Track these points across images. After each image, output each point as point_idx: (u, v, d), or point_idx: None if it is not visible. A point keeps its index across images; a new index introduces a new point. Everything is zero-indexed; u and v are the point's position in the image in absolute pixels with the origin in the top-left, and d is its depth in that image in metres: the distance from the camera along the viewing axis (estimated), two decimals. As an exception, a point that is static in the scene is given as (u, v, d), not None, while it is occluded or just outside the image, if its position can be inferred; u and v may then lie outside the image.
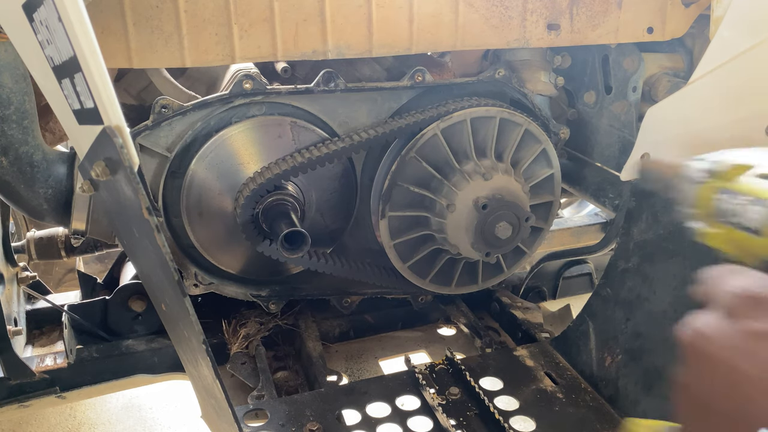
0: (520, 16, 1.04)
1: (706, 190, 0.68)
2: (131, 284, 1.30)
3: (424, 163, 1.09)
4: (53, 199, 1.00)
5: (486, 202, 1.06)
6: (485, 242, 1.08)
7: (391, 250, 1.15)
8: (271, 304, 1.24)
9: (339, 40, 0.97)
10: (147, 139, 1.02)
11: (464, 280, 1.23)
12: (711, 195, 0.67)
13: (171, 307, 0.76)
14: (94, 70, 0.58)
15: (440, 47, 1.03)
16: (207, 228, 1.11)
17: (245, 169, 1.07)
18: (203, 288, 1.17)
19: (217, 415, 0.86)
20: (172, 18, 0.89)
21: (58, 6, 0.58)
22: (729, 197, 0.65)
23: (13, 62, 0.89)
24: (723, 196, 0.66)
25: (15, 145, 0.94)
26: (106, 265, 1.85)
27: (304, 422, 1.02)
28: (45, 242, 1.32)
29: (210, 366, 0.71)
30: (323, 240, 1.19)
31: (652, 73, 1.22)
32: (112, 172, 0.66)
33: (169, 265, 0.64)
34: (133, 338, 1.30)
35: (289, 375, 1.24)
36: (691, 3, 1.10)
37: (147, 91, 1.20)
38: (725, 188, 0.66)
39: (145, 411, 2.47)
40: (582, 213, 1.85)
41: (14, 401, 1.18)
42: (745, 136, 0.94)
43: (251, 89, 1.02)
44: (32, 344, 1.35)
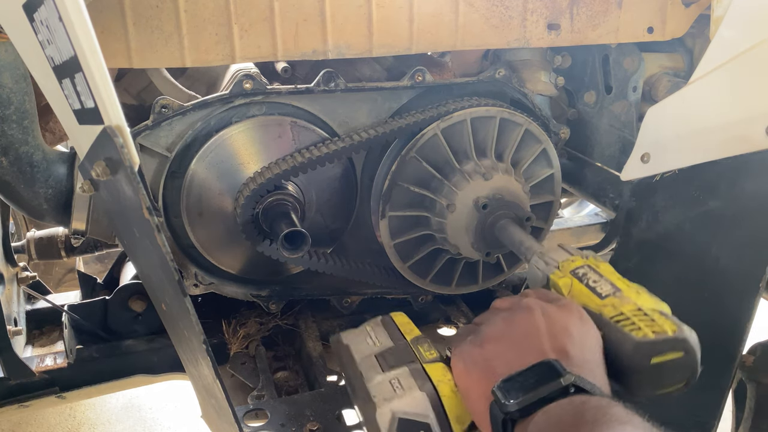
0: (520, 16, 1.04)
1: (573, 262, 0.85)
2: (131, 284, 1.30)
3: (424, 163, 1.09)
4: (53, 199, 1.00)
5: (486, 201, 1.06)
6: (485, 242, 1.08)
7: (391, 250, 1.15)
8: (271, 304, 1.24)
9: (339, 40, 0.97)
10: (147, 139, 1.02)
11: (464, 280, 1.22)
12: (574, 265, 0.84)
13: (171, 307, 0.76)
14: (95, 70, 0.58)
15: (440, 47, 1.03)
16: (207, 228, 1.11)
17: (245, 169, 1.07)
18: (203, 288, 1.17)
19: (218, 414, 0.86)
20: (172, 18, 0.89)
21: (58, 6, 0.58)
22: (587, 269, 0.82)
23: (14, 62, 0.89)
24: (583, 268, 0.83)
25: (15, 145, 0.94)
26: (106, 265, 1.85)
27: (304, 422, 1.02)
28: (45, 242, 1.32)
29: (210, 366, 0.71)
30: (323, 240, 1.19)
31: (653, 73, 1.22)
32: (113, 171, 0.66)
33: (170, 265, 0.64)
34: (133, 338, 1.30)
35: (289, 375, 1.24)
36: (692, 3, 1.10)
37: (147, 91, 1.20)
38: (589, 264, 0.83)
39: (145, 411, 2.47)
40: (582, 213, 1.85)
41: (14, 401, 1.18)
42: (745, 136, 0.94)
43: (251, 89, 1.02)
44: (32, 344, 1.35)
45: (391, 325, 0.88)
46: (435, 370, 0.76)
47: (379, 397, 0.74)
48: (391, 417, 0.71)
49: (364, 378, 0.78)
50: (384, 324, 0.89)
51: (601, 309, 0.75)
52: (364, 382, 0.77)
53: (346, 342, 0.87)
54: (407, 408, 0.72)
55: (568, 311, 0.74)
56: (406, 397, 0.73)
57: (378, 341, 0.85)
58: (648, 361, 0.68)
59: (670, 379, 0.70)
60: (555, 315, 0.73)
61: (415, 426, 0.72)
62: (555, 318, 0.72)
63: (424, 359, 0.78)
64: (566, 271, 0.83)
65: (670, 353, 0.69)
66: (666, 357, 0.69)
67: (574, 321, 0.72)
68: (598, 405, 0.59)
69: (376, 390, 0.75)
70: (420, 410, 0.72)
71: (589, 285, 0.80)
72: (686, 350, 0.70)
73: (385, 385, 0.75)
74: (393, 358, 0.80)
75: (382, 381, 0.76)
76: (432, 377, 0.74)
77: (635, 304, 0.75)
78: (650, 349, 0.69)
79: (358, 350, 0.84)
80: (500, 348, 0.71)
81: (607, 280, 0.80)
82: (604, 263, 0.85)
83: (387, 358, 0.80)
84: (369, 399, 0.74)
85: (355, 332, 0.89)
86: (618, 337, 0.71)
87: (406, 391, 0.73)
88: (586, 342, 0.70)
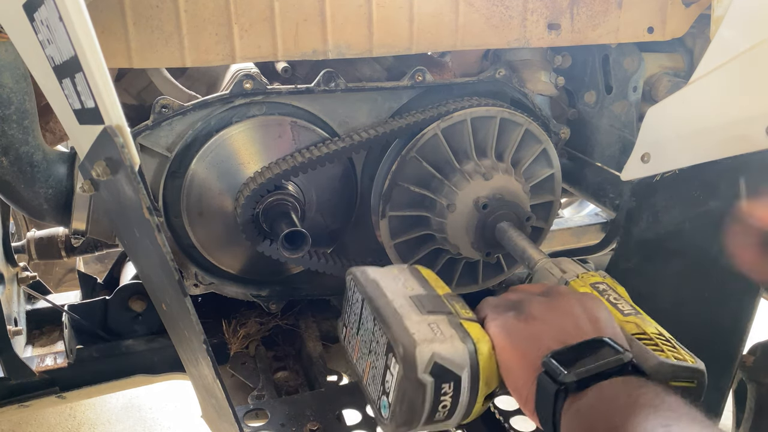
0: (520, 15, 1.04)
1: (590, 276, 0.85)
2: (131, 284, 1.30)
3: (425, 163, 1.09)
4: (53, 199, 1.00)
5: (486, 201, 1.06)
6: (485, 242, 1.08)
7: (391, 249, 1.15)
8: (271, 304, 1.23)
9: (339, 40, 0.97)
10: (147, 138, 1.02)
11: (464, 280, 1.22)
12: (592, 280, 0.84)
13: (171, 306, 0.76)
14: (95, 70, 0.58)
15: (440, 47, 1.03)
16: (207, 228, 1.11)
17: (245, 169, 1.07)
18: (203, 288, 1.17)
19: (218, 414, 0.86)
20: (173, 18, 0.89)
21: (58, 5, 0.58)
22: (607, 287, 0.82)
23: (14, 62, 0.89)
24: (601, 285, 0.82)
25: (15, 145, 0.94)
26: (106, 265, 1.85)
27: (304, 422, 1.02)
28: (45, 242, 1.32)
29: (210, 365, 0.71)
30: (323, 240, 1.19)
31: (653, 73, 1.22)
32: (113, 171, 0.66)
33: (170, 265, 0.65)
34: (133, 338, 1.30)
35: (289, 375, 1.24)
36: (692, 3, 1.10)
37: (147, 91, 1.20)
38: (607, 283, 0.83)
39: (145, 411, 2.47)
40: (582, 213, 1.85)
41: (14, 401, 1.18)
42: (745, 136, 0.94)
43: (251, 89, 1.02)
44: (32, 344, 1.35)
45: (419, 276, 0.84)
46: (473, 329, 0.73)
47: (420, 336, 0.70)
48: (430, 358, 0.68)
49: (401, 314, 0.73)
50: (412, 273, 0.85)
51: (623, 324, 0.75)
52: (401, 316, 0.73)
53: (374, 277, 0.81)
54: (448, 354, 0.69)
55: (599, 301, 0.74)
56: (447, 343, 0.70)
57: (409, 286, 0.80)
58: (666, 383, 0.69)
59: None
60: (590, 303, 0.73)
61: (448, 375, 0.69)
62: (591, 305, 0.72)
63: (461, 315, 0.76)
64: (586, 282, 0.83)
65: (685, 381, 0.70)
66: (680, 383, 0.70)
67: (605, 311, 0.73)
68: (655, 390, 0.57)
69: (416, 328, 0.71)
70: (459, 360, 0.69)
71: (611, 301, 0.79)
72: (699, 382, 0.71)
73: (425, 326, 0.72)
74: (430, 304, 0.76)
75: (421, 321, 0.72)
76: (471, 334, 0.72)
77: (656, 329, 0.75)
78: (670, 371, 0.69)
79: (390, 288, 0.79)
80: (546, 326, 0.70)
81: (626, 301, 0.80)
82: (620, 286, 0.84)
83: (423, 302, 0.76)
84: (408, 335, 0.70)
85: (382, 270, 0.84)
86: (640, 353, 0.71)
87: (447, 338, 0.70)
88: (620, 331, 0.71)
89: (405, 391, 0.69)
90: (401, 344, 0.70)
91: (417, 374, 0.68)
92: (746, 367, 1.21)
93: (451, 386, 0.69)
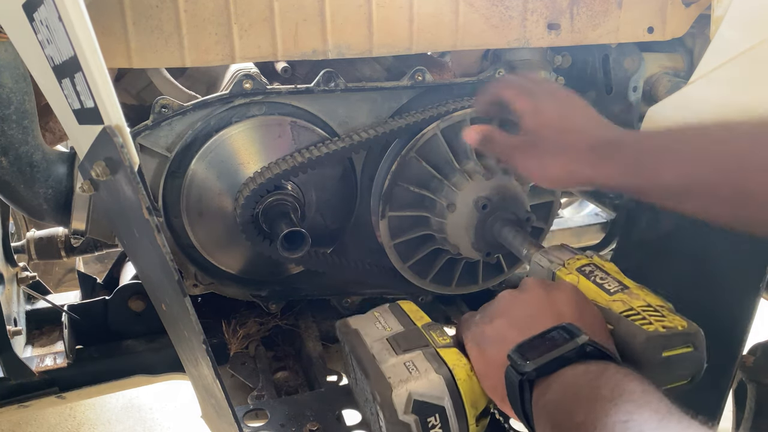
0: (520, 15, 1.04)
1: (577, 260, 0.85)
2: (131, 284, 1.30)
3: (424, 163, 1.09)
4: (53, 199, 1.00)
5: (486, 201, 1.06)
6: (485, 242, 1.08)
7: (391, 250, 1.15)
8: (271, 305, 1.24)
9: (339, 40, 0.97)
10: (147, 139, 1.02)
11: (465, 280, 1.23)
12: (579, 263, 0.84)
13: (171, 306, 0.76)
14: (95, 70, 0.58)
15: (440, 47, 1.03)
16: (207, 228, 1.11)
17: (245, 169, 1.07)
18: (203, 288, 1.17)
19: (217, 415, 0.86)
20: (172, 18, 0.89)
21: (58, 5, 0.58)
22: (594, 267, 0.83)
23: (13, 62, 0.89)
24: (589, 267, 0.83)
25: (15, 145, 0.94)
26: (106, 265, 1.85)
27: (304, 422, 1.02)
28: (45, 242, 1.32)
29: (210, 366, 0.71)
30: (323, 240, 1.19)
31: (653, 73, 1.22)
32: (113, 171, 0.66)
33: (170, 265, 0.64)
34: (133, 338, 1.30)
35: (289, 375, 1.24)
36: (692, 3, 1.10)
37: (147, 91, 1.20)
38: (594, 263, 0.84)
39: (145, 411, 2.47)
40: (582, 213, 1.85)
41: (14, 401, 1.18)
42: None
43: (251, 89, 1.02)
44: (32, 344, 1.35)
45: (399, 312, 0.88)
46: (449, 355, 0.75)
47: (395, 378, 0.73)
48: (408, 398, 0.71)
49: (377, 360, 0.77)
50: (392, 310, 0.88)
51: (610, 304, 0.76)
52: (377, 363, 0.76)
53: (355, 326, 0.86)
54: (423, 390, 0.71)
55: (569, 289, 0.76)
56: (422, 379, 0.72)
57: (388, 326, 0.84)
58: (659, 354, 0.69)
59: (679, 374, 0.72)
60: (557, 293, 0.74)
61: (430, 408, 0.71)
62: (557, 295, 0.74)
63: (437, 344, 0.78)
64: (572, 268, 0.84)
65: (681, 347, 0.70)
66: (676, 351, 0.70)
67: (576, 297, 0.74)
68: (615, 378, 0.58)
69: (391, 371, 0.74)
70: (436, 392, 0.72)
71: (597, 282, 0.80)
72: (695, 345, 0.71)
73: (400, 366, 0.75)
74: (405, 341, 0.79)
75: (397, 363, 0.75)
76: (447, 361, 0.74)
77: (644, 301, 0.75)
78: (662, 342, 0.70)
79: (369, 334, 0.83)
80: (510, 321, 0.72)
81: (614, 278, 0.81)
82: (609, 262, 0.85)
83: (399, 341, 0.79)
84: (383, 380, 0.73)
85: (364, 317, 0.88)
86: (629, 330, 0.71)
87: (422, 374, 0.73)
88: (588, 315, 0.72)
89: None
90: (377, 392, 0.73)
91: (398, 417, 0.71)
92: (746, 367, 1.21)
93: (437, 418, 0.72)
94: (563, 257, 0.87)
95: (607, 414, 0.53)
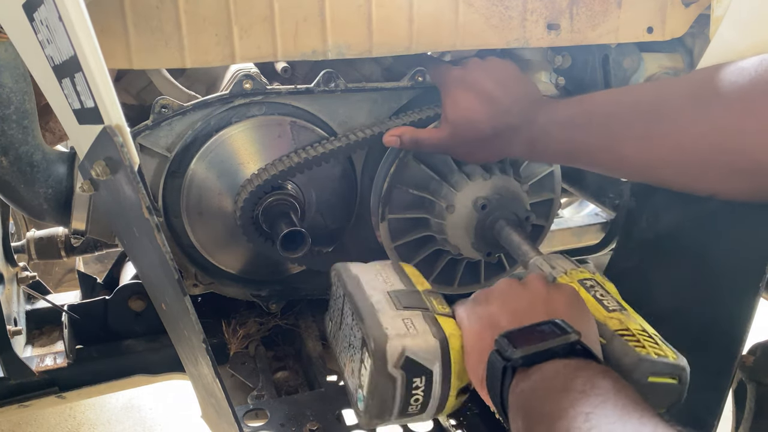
0: (520, 15, 1.04)
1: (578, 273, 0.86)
2: (131, 284, 1.30)
3: (423, 165, 1.09)
4: (53, 198, 1.00)
5: (485, 202, 1.06)
6: (485, 242, 1.08)
7: (392, 252, 1.15)
8: (271, 304, 1.24)
9: (339, 40, 0.97)
10: (147, 138, 1.02)
11: (466, 279, 1.23)
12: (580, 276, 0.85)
13: (171, 306, 0.76)
14: (95, 69, 0.59)
15: (440, 47, 1.03)
16: (207, 228, 1.11)
17: (245, 169, 1.07)
18: (203, 288, 1.17)
19: (218, 414, 0.86)
20: (172, 18, 0.89)
21: (58, 5, 0.58)
22: (595, 283, 0.84)
23: (14, 62, 0.89)
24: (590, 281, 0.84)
25: (15, 145, 0.94)
26: (106, 265, 1.85)
27: (304, 422, 1.02)
28: (45, 242, 1.32)
29: (210, 365, 0.71)
30: (323, 240, 1.19)
31: (652, 73, 1.22)
32: (113, 171, 0.66)
33: (170, 265, 0.65)
34: (133, 338, 1.30)
35: (289, 375, 1.24)
36: (691, 2, 1.10)
37: (147, 91, 1.20)
38: (596, 279, 0.84)
39: (145, 411, 2.47)
40: (582, 213, 1.85)
41: (14, 401, 1.18)
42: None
43: (251, 89, 1.02)
44: (32, 344, 1.35)
45: (402, 272, 0.87)
46: (447, 324, 0.75)
47: (392, 331, 0.72)
48: (401, 353, 0.70)
49: (376, 309, 0.76)
50: (395, 268, 0.87)
51: (606, 320, 0.76)
52: (376, 311, 0.75)
53: (356, 272, 0.84)
54: (418, 349, 0.71)
55: (569, 292, 0.76)
56: (418, 339, 0.72)
57: (389, 282, 0.83)
58: (645, 379, 0.70)
59: (658, 401, 0.72)
60: (556, 292, 0.75)
61: (419, 369, 0.71)
62: (556, 294, 0.74)
63: (437, 311, 0.78)
64: (574, 278, 0.84)
65: (667, 377, 0.71)
66: (662, 379, 0.71)
67: (574, 301, 0.74)
68: (591, 373, 0.59)
69: (390, 323, 0.73)
70: (429, 355, 0.71)
71: (597, 297, 0.80)
72: (680, 379, 0.72)
73: (399, 321, 0.74)
74: (407, 299, 0.79)
75: (396, 317, 0.75)
76: (444, 329, 0.74)
77: (641, 326, 0.76)
78: (651, 368, 0.70)
79: (369, 283, 0.82)
80: (505, 307, 0.73)
81: (614, 297, 0.81)
82: (610, 283, 0.86)
83: (401, 298, 0.79)
84: (380, 329, 0.72)
85: (365, 266, 0.87)
86: (621, 349, 0.72)
87: (420, 334, 0.72)
88: (583, 321, 0.72)
89: (376, 385, 0.71)
90: (372, 338, 0.71)
91: (387, 368, 0.70)
92: (746, 367, 1.21)
93: (423, 380, 0.71)
94: (566, 266, 0.87)
95: (573, 405, 0.55)
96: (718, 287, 1.01)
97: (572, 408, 0.54)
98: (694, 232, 1.05)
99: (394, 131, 1.04)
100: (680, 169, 0.80)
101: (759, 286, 0.93)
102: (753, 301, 0.92)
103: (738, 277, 0.97)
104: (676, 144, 0.78)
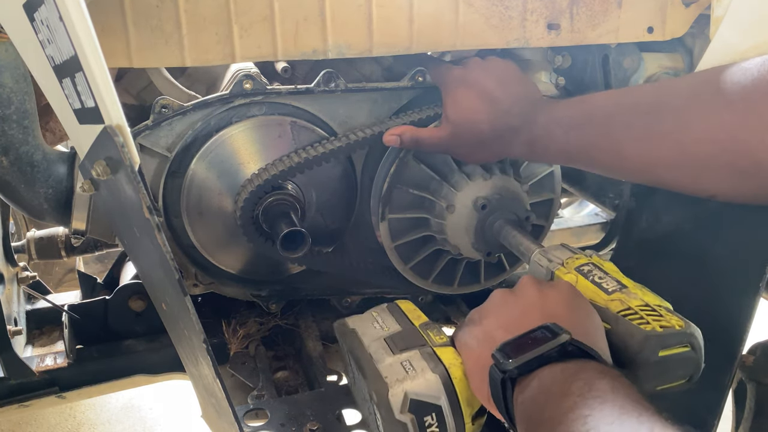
0: (520, 15, 1.04)
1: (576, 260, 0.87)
2: (131, 284, 1.30)
3: (423, 165, 1.09)
4: (53, 198, 1.00)
5: (485, 202, 1.06)
6: (486, 242, 1.08)
7: (392, 252, 1.15)
8: (271, 304, 1.24)
9: (339, 40, 0.97)
10: (147, 138, 1.02)
11: (466, 279, 1.23)
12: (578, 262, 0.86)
13: (171, 306, 0.76)
14: (95, 69, 0.58)
15: (440, 47, 1.03)
16: (207, 228, 1.11)
17: (245, 169, 1.07)
18: (203, 287, 1.17)
19: (218, 414, 0.86)
20: (173, 17, 0.89)
21: (58, 5, 0.58)
22: (592, 267, 0.84)
23: (14, 62, 0.89)
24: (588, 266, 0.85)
25: (15, 145, 0.94)
26: (106, 265, 1.85)
27: (304, 422, 1.02)
28: (45, 242, 1.32)
29: (210, 365, 0.71)
30: (323, 240, 1.19)
31: (652, 73, 1.22)
32: (113, 171, 0.66)
33: (170, 264, 0.65)
34: (133, 338, 1.30)
35: (289, 375, 1.24)
36: (692, 2, 1.10)
37: (147, 91, 1.20)
38: (593, 262, 0.86)
39: (145, 411, 2.47)
40: (582, 213, 1.85)
41: (14, 401, 1.18)
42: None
43: (251, 89, 1.02)
44: (32, 344, 1.35)
45: (398, 311, 0.88)
46: (446, 354, 0.76)
47: (392, 378, 0.73)
48: (404, 397, 0.71)
49: (374, 359, 0.77)
50: (390, 310, 0.89)
51: (608, 304, 0.76)
52: (374, 363, 0.76)
53: (353, 326, 0.86)
54: (420, 389, 0.72)
55: (564, 289, 0.76)
56: (418, 379, 0.73)
57: (386, 326, 0.84)
58: (656, 354, 0.69)
59: (676, 374, 0.72)
60: (550, 292, 0.75)
61: (427, 408, 0.72)
62: (550, 294, 0.74)
63: (434, 343, 0.79)
64: (571, 267, 0.84)
65: (678, 347, 0.71)
66: (673, 351, 0.70)
67: (570, 296, 0.74)
68: (588, 375, 0.59)
69: (388, 371, 0.74)
70: (433, 392, 0.72)
71: (595, 281, 0.80)
72: (693, 345, 0.71)
73: (397, 366, 0.75)
74: (403, 341, 0.80)
75: (394, 362, 0.76)
76: (443, 360, 0.75)
77: (642, 300, 0.76)
78: (659, 342, 0.70)
79: (366, 334, 0.83)
80: (499, 321, 0.73)
81: (612, 277, 0.81)
82: (608, 262, 0.86)
83: (396, 341, 0.80)
84: (380, 380, 0.74)
85: (362, 317, 0.89)
86: (626, 330, 0.72)
87: (419, 373, 0.73)
88: (582, 315, 0.72)
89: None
90: (375, 391, 0.73)
91: (395, 416, 0.71)
92: (746, 367, 1.21)
93: (434, 417, 0.72)
94: (562, 256, 0.87)
95: (572, 409, 0.55)
96: (718, 287, 1.01)
97: (571, 412, 0.55)
98: (694, 232, 1.05)
99: (395, 130, 1.04)
100: (681, 170, 0.80)
101: (759, 286, 0.93)
102: (753, 301, 0.92)
103: (738, 277, 0.98)
104: (676, 144, 0.78)
